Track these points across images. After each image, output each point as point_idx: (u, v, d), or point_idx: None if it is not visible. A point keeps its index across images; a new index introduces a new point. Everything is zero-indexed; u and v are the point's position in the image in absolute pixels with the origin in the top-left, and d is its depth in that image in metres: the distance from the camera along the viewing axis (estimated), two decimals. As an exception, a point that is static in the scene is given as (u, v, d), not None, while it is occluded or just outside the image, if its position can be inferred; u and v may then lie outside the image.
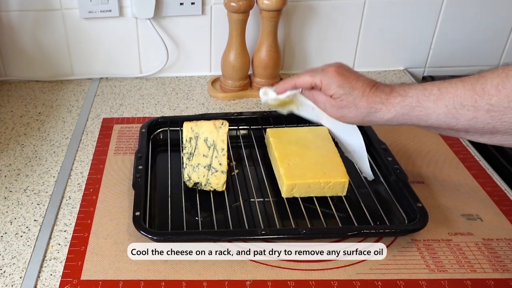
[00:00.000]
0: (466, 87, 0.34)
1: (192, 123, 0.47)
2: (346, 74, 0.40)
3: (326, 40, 0.70)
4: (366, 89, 0.39)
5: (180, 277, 0.39)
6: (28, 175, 0.52)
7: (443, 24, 0.68)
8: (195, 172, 0.47)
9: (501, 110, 0.33)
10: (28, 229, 0.45)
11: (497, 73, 0.33)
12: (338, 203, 0.45)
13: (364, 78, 0.40)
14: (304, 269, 0.39)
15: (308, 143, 0.48)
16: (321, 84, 0.41)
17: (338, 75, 0.40)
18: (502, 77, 0.33)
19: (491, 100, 0.33)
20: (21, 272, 0.40)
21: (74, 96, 0.68)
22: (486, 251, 0.41)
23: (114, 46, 0.69)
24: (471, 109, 0.34)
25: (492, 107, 0.33)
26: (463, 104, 0.34)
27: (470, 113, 0.34)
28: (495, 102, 0.33)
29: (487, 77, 0.34)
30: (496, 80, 0.33)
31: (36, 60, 0.70)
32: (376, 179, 0.48)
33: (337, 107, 0.40)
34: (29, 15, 0.67)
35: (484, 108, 0.34)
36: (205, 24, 0.68)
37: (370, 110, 0.39)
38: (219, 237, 0.41)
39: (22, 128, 0.61)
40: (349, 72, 0.40)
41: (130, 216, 0.44)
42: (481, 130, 0.35)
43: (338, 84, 0.39)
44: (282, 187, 0.45)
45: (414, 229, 0.41)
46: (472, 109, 0.34)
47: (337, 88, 0.40)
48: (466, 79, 0.35)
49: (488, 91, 0.33)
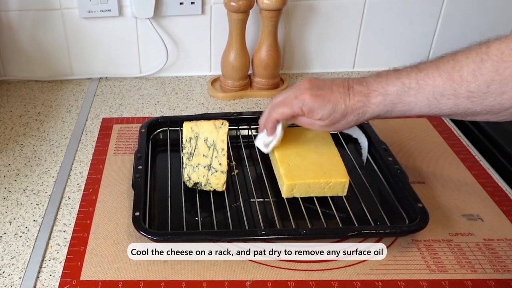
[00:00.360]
0: (443, 76, 0.35)
1: (192, 123, 0.47)
2: (321, 93, 0.40)
3: (326, 39, 0.70)
4: (346, 98, 0.39)
5: (180, 278, 0.39)
6: (28, 175, 0.52)
7: (444, 23, 0.68)
8: (195, 172, 0.47)
9: (480, 96, 0.33)
10: (27, 230, 0.45)
11: (472, 57, 0.34)
12: (338, 203, 0.45)
13: (337, 86, 0.40)
14: (304, 269, 0.39)
15: (308, 143, 0.48)
16: (302, 112, 0.41)
17: (315, 97, 0.40)
18: (477, 62, 0.33)
19: (469, 87, 0.34)
20: (20, 272, 0.40)
21: (74, 96, 0.68)
22: (487, 252, 0.40)
23: (114, 46, 0.69)
24: (452, 97, 0.35)
25: (471, 93, 0.34)
26: (443, 94, 0.35)
27: (451, 101, 0.35)
28: (474, 89, 0.33)
29: (462, 62, 0.34)
30: (472, 66, 0.33)
31: (36, 60, 0.70)
32: (376, 179, 0.48)
33: (328, 126, 0.41)
34: (28, 15, 0.67)
35: (464, 95, 0.34)
36: (205, 24, 0.68)
37: (358, 116, 0.40)
38: (219, 238, 0.41)
39: (21, 128, 0.61)
40: (321, 89, 0.40)
41: (129, 217, 0.43)
42: (463, 114, 0.36)
43: (320, 107, 0.40)
44: (283, 187, 0.45)
45: (415, 230, 0.41)
46: (452, 98, 0.35)
47: (321, 111, 0.40)
48: (441, 66, 0.35)
49: (466, 78, 0.34)
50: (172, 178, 0.49)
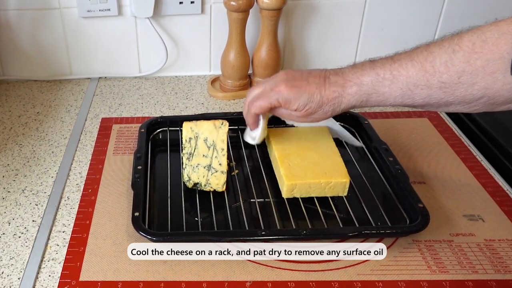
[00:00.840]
0: (417, 66, 0.35)
1: (192, 123, 0.47)
2: (297, 83, 0.40)
3: (327, 39, 0.69)
4: (322, 89, 0.40)
5: (179, 278, 0.39)
6: (26, 176, 0.52)
7: (445, 23, 0.67)
8: (194, 172, 0.46)
9: (452, 86, 0.34)
10: (26, 230, 0.44)
11: (444, 48, 0.34)
12: (338, 204, 0.45)
13: (313, 77, 0.40)
14: (305, 270, 0.39)
15: (309, 143, 0.48)
16: (279, 104, 0.41)
17: (291, 88, 0.40)
18: (449, 53, 0.34)
19: (441, 77, 0.34)
20: (19, 273, 0.40)
21: (73, 96, 0.68)
22: (488, 252, 0.40)
23: (113, 46, 0.69)
24: (424, 88, 0.35)
25: (443, 84, 0.34)
26: (417, 84, 0.35)
27: (424, 91, 0.35)
28: (446, 79, 0.34)
29: (435, 53, 0.35)
30: (444, 57, 0.34)
31: (34, 59, 0.70)
32: (377, 179, 0.48)
33: (304, 116, 0.41)
34: (27, 14, 0.66)
35: (436, 85, 0.35)
36: (205, 23, 0.68)
37: (333, 106, 0.40)
38: (219, 238, 0.41)
39: (20, 128, 0.61)
40: (297, 80, 0.41)
41: (129, 217, 0.43)
42: (436, 104, 0.36)
43: (296, 98, 0.40)
44: (283, 187, 0.45)
45: (416, 230, 0.40)
46: (425, 88, 0.35)
47: (297, 101, 0.40)
48: (414, 57, 0.36)
49: (438, 68, 0.34)
50: (171, 178, 0.49)
